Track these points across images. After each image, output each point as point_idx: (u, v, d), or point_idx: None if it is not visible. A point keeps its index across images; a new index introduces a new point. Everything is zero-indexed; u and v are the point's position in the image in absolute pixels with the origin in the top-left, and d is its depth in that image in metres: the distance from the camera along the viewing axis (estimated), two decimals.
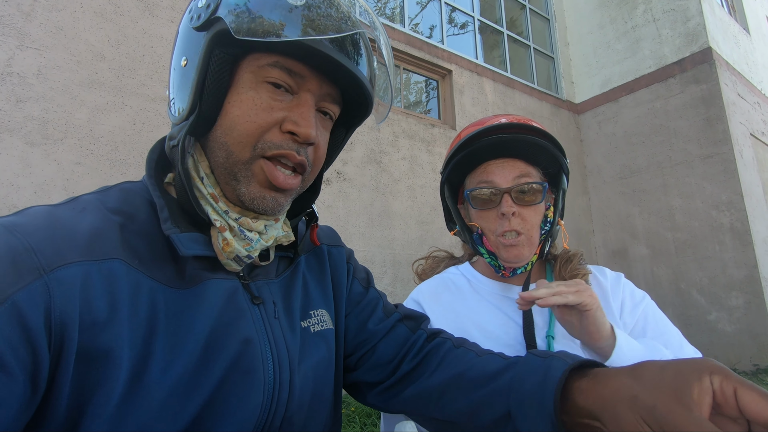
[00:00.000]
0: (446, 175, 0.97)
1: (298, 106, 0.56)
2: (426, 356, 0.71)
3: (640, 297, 0.91)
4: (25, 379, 0.40)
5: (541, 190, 0.89)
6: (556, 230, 0.94)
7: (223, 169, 0.56)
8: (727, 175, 5.51)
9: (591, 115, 7.07)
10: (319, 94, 0.58)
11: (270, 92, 0.55)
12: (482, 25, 6.60)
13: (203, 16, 0.54)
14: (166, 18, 3.67)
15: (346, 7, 0.57)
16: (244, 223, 0.57)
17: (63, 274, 0.43)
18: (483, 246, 0.92)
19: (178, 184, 0.56)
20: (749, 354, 5.09)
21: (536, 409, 0.52)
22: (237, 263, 0.57)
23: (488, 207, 0.90)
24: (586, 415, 0.48)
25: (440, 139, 5.36)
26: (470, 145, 0.91)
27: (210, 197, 0.56)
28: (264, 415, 0.54)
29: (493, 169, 0.90)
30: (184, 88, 0.56)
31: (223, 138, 0.55)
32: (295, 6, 0.52)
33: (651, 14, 6.56)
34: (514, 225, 0.86)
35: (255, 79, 0.55)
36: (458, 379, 0.65)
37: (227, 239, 0.55)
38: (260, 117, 0.54)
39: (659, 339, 0.82)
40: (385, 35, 0.64)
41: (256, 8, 0.51)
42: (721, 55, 6.06)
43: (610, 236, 6.64)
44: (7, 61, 2.92)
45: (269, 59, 0.55)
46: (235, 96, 0.55)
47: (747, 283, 5.23)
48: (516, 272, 0.90)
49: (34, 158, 2.93)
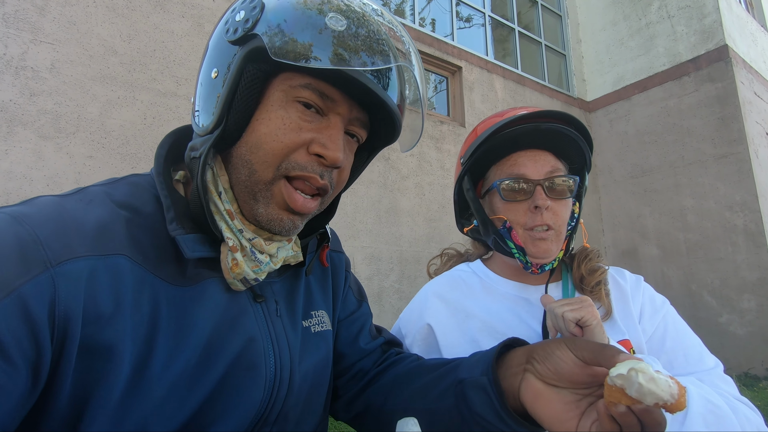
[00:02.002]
0: (470, 164, 0.91)
1: (327, 128, 0.55)
2: (388, 364, 0.78)
3: (660, 303, 0.88)
4: (27, 371, 0.40)
5: (573, 185, 0.86)
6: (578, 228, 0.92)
7: (243, 186, 0.55)
8: (742, 175, 5.41)
9: (603, 113, 6.98)
10: (348, 118, 0.58)
11: (299, 112, 0.54)
12: (493, 21, 6.54)
13: (240, 30, 0.53)
14: (177, 13, 3.69)
15: (385, 35, 0.55)
16: (257, 245, 0.57)
17: (69, 268, 0.43)
18: (512, 240, 0.86)
19: (194, 197, 0.55)
20: (761, 358, 5.01)
21: (478, 365, 0.61)
22: (243, 284, 0.57)
23: (519, 199, 0.85)
24: (519, 362, 0.58)
25: (449, 136, 5.33)
26: (500, 133, 0.85)
27: (226, 213, 0.56)
28: (262, 409, 0.55)
29: (525, 161, 0.86)
30: (211, 99, 0.55)
31: (248, 156, 0.54)
32: (335, 31, 0.51)
33: (666, 11, 6.44)
34: (546, 219, 0.83)
35: (285, 98, 0.54)
36: (417, 368, 0.72)
37: (237, 261, 0.55)
38: (288, 137, 0.53)
39: (678, 349, 0.80)
40: (419, 64, 0.62)
41: (296, 30, 0.50)
42: (737, 53, 5.94)
43: (620, 236, 6.56)
44: (21, 55, 2.96)
45: (302, 80, 0.54)
46: (264, 114, 0.54)
47: (760, 285, 5.14)
48: (544, 268, 0.86)
49: (47, 151, 2.97)
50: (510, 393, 0.57)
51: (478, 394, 0.58)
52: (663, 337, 0.82)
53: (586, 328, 0.71)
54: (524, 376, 0.56)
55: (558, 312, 0.74)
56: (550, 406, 0.53)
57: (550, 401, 0.53)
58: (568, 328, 0.72)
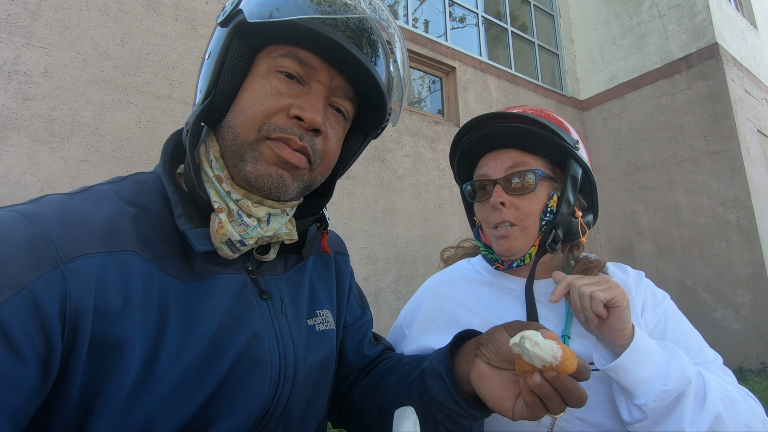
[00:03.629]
0: (456, 175, 0.98)
1: (307, 94, 0.57)
2: (373, 366, 0.81)
3: (662, 297, 0.89)
4: (38, 366, 0.40)
5: (534, 177, 0.84)
6: (571, 222, 0.87)
7: (231, 151, 0.57)
8: (734, 171, 5.46)
9: (596, 111, 7.02)
10: (330, 86, 0.59)
11: (281, 81, 0.57)
12: (486, 21, 6.57)
13: (228, 10, 0.57)
14: (170, 16, 3.68)
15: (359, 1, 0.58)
16: (244, 206, 0.57)
17: (79, 264, 0.44)
18: (479, 239, 0.93)
19: (186, 169, 0.56)
20: (756, 352, 5.06)
21: (438, 356, 0.67)
22: (230, 249, 0.56)
23: (483, 199, 0.90)
24: (471, 349, 0.63)
25: (444, 137, 5.34)
26: (459, 144, 0.92)
27: (215, 179, 0.57)
28: (267, 405, 0.55)
29: (487, 161, 0.90)
30: (205, 79, 0.58)
31: (232, 122, 0.57)
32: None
33: (657, 10, 6.50)
34: (506, 216, 0.84)
35: (268, 68, 0.57)
36: (393, 365, 0.77)
37: (222, 221, 0.55)
38: (268, 101, 0.56)
39: (679, 342, 0.81)
40: (398, 30, 0.64)
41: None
42: (728, 51, 6.00)
43: (616, 233, 6.60)
44: (14, 59, 2.95)
45: (283, 50, 0.57)
46: (248, 84, 0.57)
47: (754, 280, 5.19)
48: (512, 266, 0.87)
49: (41, 156, 2.95)
50: (464, 378, 0.61)
51: (436, 381, 0.62)
52: (664, 331, 0.83)
53: (614, 309, 0.68)
54: (474, 361, 0.60)
55: (586, 291, 0.69)
56: (492, 385, 0.57)
57: (491, 381, 0.57)
58: (595, 308, 0.68)
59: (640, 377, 0.68)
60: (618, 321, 0.69)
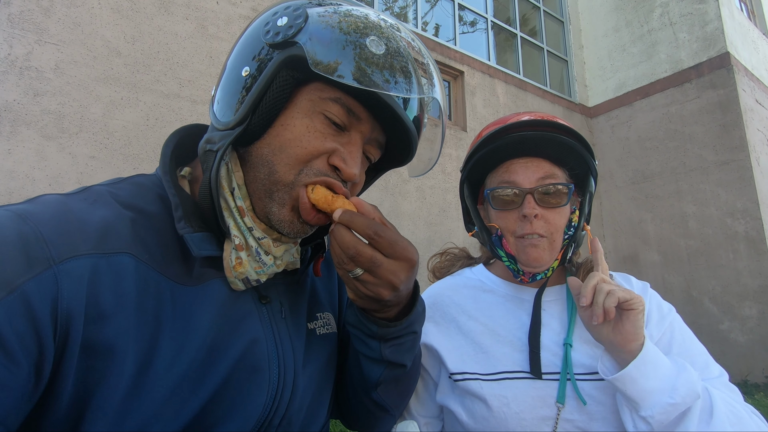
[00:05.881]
0: (466, 173, 0.92)
1: (348, 144, 0.57)
2: None
3: (667, 310, 0.87)
4: (30, 368, 0.40)
5: (567, 192, 0.84)
6: (582, 236, 0.88)
7: (260, 184, 0.56)
8: (743, 182, 5.41)
9: (604, 118, 6.98)
10: (369, 137, 0.59)
11: (323, 124, 0.56)
12: (495, 26, 6.56)
13: (281, 35, 0.53)
14: (181, 15, 3.71)
15: (420, 65, 0.57)
16: (264, 245, 0.57)
17: (72, 265, 0.43)
18: (502, 248, 0.87)
19: (204, 191, 0.55)
20: (761, 365, 4.99)
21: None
22: (243, 284, 0.56)
23: (509, 208, 0.85)
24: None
25: (450, 141, 5.33)
26: (492, 142, 0.85)
27: (236, 210, 0.56)
28: (266, 413, 0.54)
29: (516, 168, 0.85)
30: (236, 95, 0.56)
31: (269, 156, 0.55)
32: (374, 53, 0.52)
33: (668, 18, 6.46)
34: (536, 228, 0.82)
35: (312, 108, 0.55)
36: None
37: (242, 260, 0.55)
38: (312, 144, 0.55)
39: (684, 356, 0.79)
40: (444, 96, 0.64)
41: (337, 45, 0.52)
42: (739, 60, 5.95)
43: (621, 242, 6.55)
44: (26, 55, 2.98)
45: (332, 93, 0.55)
46: (288, 119, 0.55)
47: (761, 293, 5.12)
48: (536, 278, 0.85)
49: (50, 151, 2.98)
50: None
51: (349, 315, 0.64)
52: (669, 344, 0.82)
53: (629, 312, 0.68)
54: None
55: (605, 288, 0.70)
56: None
57: None
58: (608, 303, 0.69)
59: (647, 388, 0.67)
60: (632, 325, 0.68)
